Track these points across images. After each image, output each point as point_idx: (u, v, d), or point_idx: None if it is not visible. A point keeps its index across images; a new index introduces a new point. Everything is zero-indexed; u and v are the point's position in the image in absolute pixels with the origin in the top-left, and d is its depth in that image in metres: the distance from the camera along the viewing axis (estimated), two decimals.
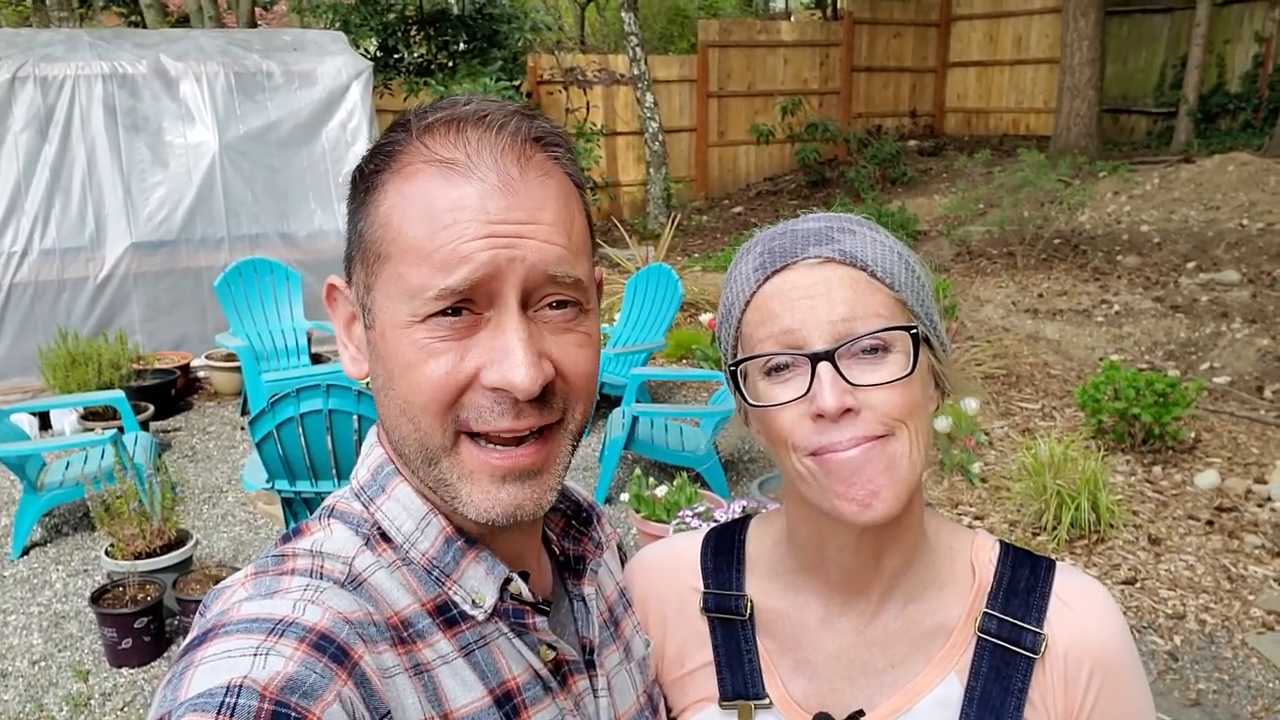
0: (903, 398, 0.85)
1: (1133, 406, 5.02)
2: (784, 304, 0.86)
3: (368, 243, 0.78)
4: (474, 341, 0.74)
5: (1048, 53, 14.30)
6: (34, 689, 3.54)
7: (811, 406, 0.84)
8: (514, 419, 0.74)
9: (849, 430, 0.84)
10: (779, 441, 0.88)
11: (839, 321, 0.84)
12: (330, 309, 0.85)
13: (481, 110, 0.76)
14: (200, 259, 7.20)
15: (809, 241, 0.89)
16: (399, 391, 0.76)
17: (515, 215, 0.73)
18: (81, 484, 4.32)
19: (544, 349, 0.75)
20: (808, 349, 0.84)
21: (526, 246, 0.73)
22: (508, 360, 0.72)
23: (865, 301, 0.85)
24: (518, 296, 0.74)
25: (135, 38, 7.82)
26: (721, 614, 1.01)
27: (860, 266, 0.87)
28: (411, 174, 0.75)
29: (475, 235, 0.72)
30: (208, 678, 0.62)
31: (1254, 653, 3.59)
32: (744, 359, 0.89)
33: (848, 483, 0.84)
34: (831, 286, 0.86)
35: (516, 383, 0.72)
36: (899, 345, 0.86)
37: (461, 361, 0.73)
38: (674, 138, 13.42)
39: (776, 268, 0.88)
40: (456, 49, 11.12)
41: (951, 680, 0.92)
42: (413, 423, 0.76)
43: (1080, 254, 9.20)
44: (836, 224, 0.91)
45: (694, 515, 3.72)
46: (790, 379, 0.86)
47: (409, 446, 0.77)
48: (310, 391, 3.54)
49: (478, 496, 0.76)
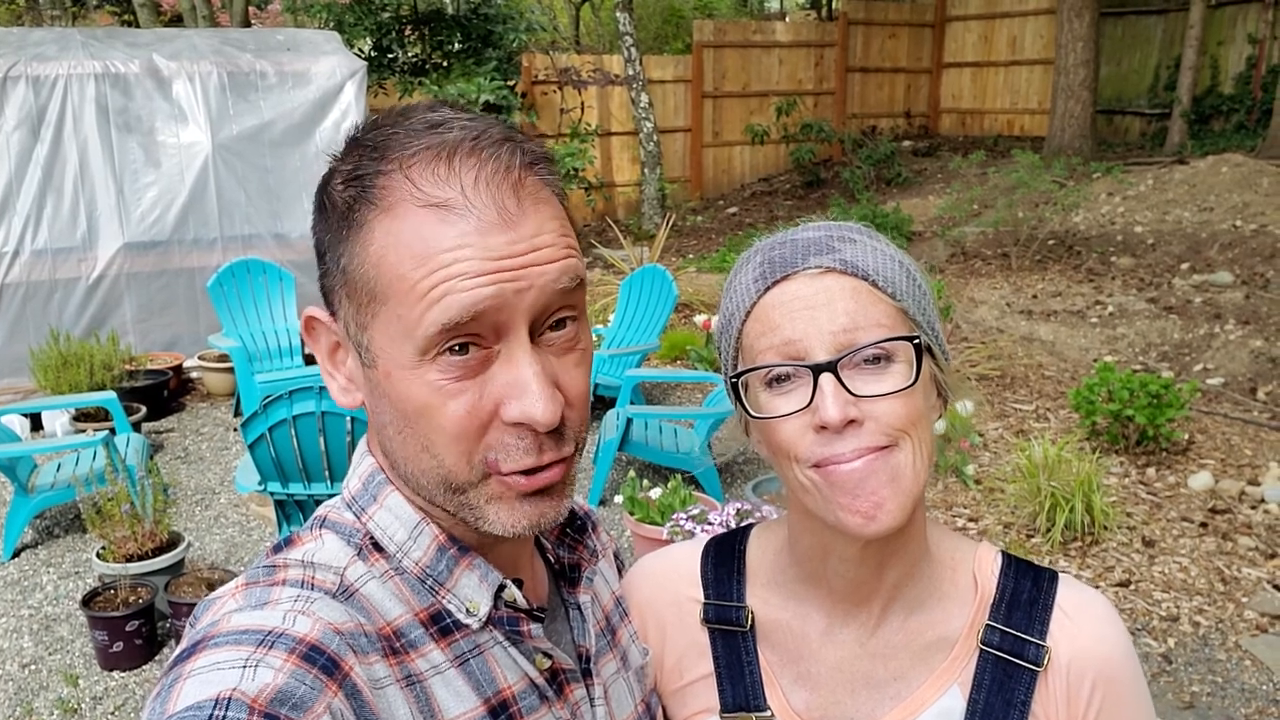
0: (906, 408, 0.84)
1: (1127, 408, 5.02)
2: (785, 314, 0.86)
3: (357, 282, 0.75)
4: (488, 376, 0.73)
5: (1042, 54, 14.34)
6: (24, 692, 3.52)
7: (814, 418, 0.83)
8: (538, 455, 0.75)
9: (852, 441, 0.83)
10: (781, 453, 0.87)
11: (841, 332, 0.84)
12: (310, 340, 0.83)
13: (470, 140, 0.73)
14: (193, 259, 7.17)
15: (809, 251, 0.88)
16: (419, 431, 0.75)
17: (519, 248, 0.72)
18: (73, 486, 4.29)
19: (555, 377, 0.75)
20: (809, 360, 0.84)
21: (532, 275, 0.72)
22: (526, 395, 0.72)
23: (867, 311, 0.85)
24: (527, 328, 0.73)
25: (128, 37, 7.79)
26: (722, 625, 1.00)
27: (862, 276, 0.86)
28: (402, 214, 0.72)
29: (478, 272, 0.70)
30: (197, 690, 0.62)
31: (1248, 655, 3.60)
32: (745, 370, 0.88)
33: (851, 495, 0.83)
34: (833, 297, 0.85)
35: (537, 417, 0.72)
36: (901, 355, 0.85)
37: (480, 400, 0.73)
38: (669, 138, 13.42)
39: (777, 278, 0.87)
40: (451, 49, 11.10)
41: (954, 693, 0.92)
42: (436, 459, 0.75)
43: (1074, 255, 9.22)
44: (837, 233, 0.90)
45: (688, 518, 3.71)
46: (792, 390, 0.85)
47: (429, 479, 0.77)
48: (303, 393, 3.53)
49: (504, 515, 0.76)
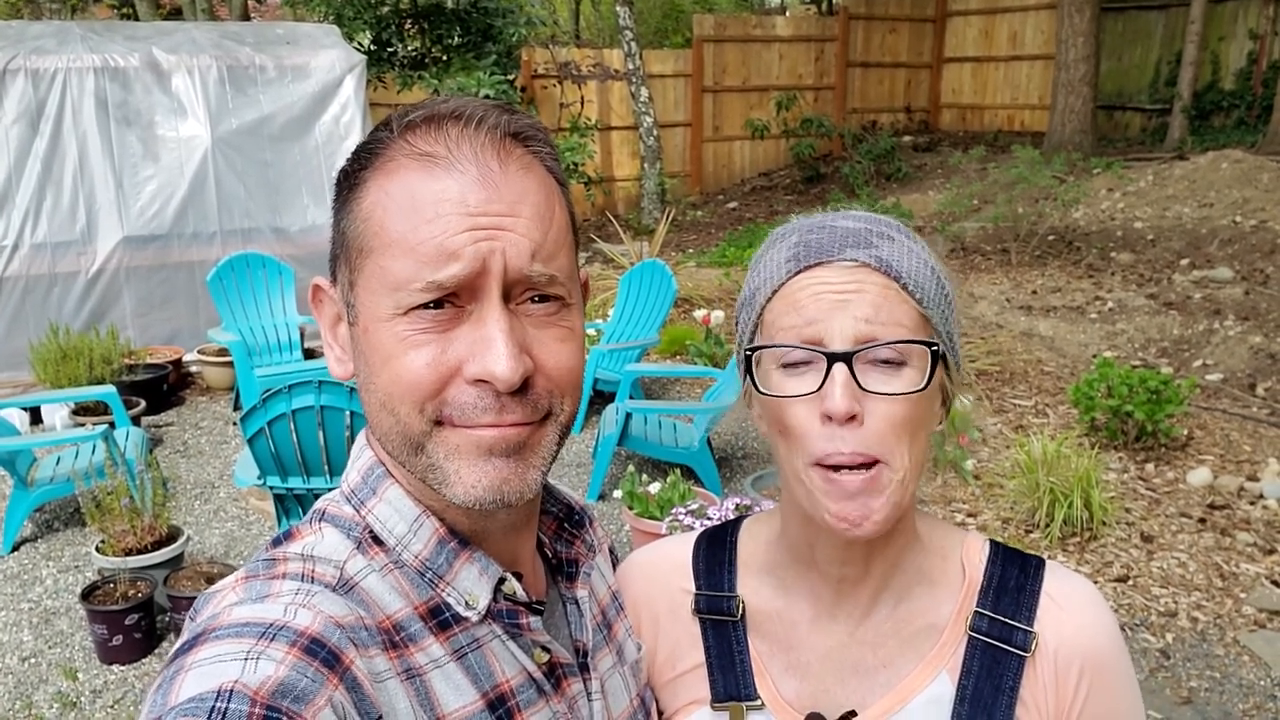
0: (907, 413, 0.85)
1: (1126, 404, 5.03)
2: (811, 299, 0.86)
3: (350, 239, 0.78)
4: (456, 334, 0.74)
5: (1043, 49, 14.31)
6: (24, 686, 3.52)
7: (821, 405, 0.84)
8: (497, 414, 0.74)
9: (851, 440, 0.84)
10: (783, 434, 0.88)
11: (863, 324, 0.84)
12: (316, 310, 0.85)
13: (461, 107, 0.77)
14: (192, 253, 7.16)
15: (847, 242, 0.88)
16: (379, 384, 0.75)
17: (495, 208, 0.73)
18: (72, 479, 4.29)
19: (525, 343, 0.75)
20: (827, 348, 0.84)
21: (506, 239, 0.73)
22: (489, 352, 0.72)
23: (892, 311, 0.85)
24: (500, 289, 0.73)
25: (127, 30, 7.77)
26: (713, 615, 1.01)
27: (894, 276, 0.87)
28: (393, 169, 0.75)
29: (459, 229, 0.72)
30: (198, 682, 0.62)
31: (1245, 650, 3.60)
32: (762, 346, 0.89)
33: (841, 502, 0.85)
34: (862, 290, 0.86)
35: (497, 373, 0.72)
36: (916, 360, 0.86)
37: (443, 354, 0.73)
38: (669, 132, 13.40)
39: (811, 263, 0.88)
40: (451, 43, 11.08)
41: (943, 679, 0.92)
42: (393, 415, 0.75)
43: (1074, 251, 9.22)
44: (876, 227, 0.90)
45: (687, 512, 3.72)
46: (805, 374, 0.86)
47: (392, 440, 0.77)
48: (302, 388, 3.53)
49: (465, 473, 0.75)
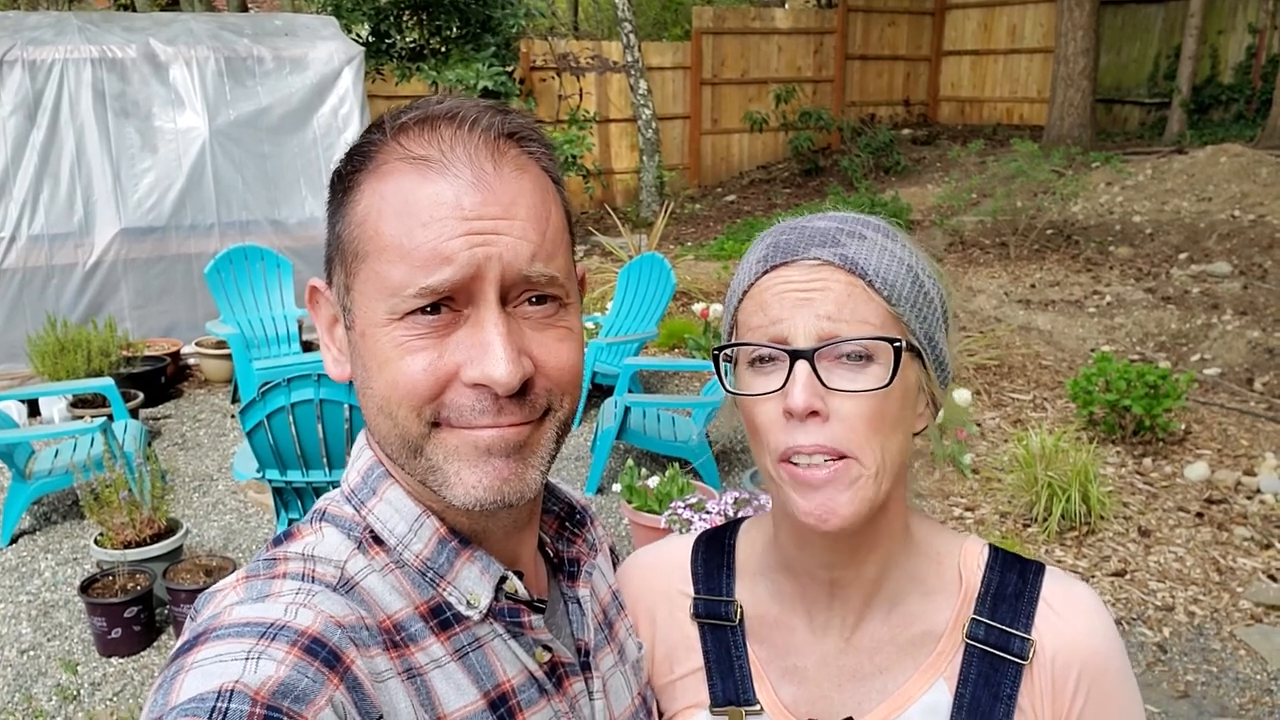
0: (872, 410, 0.84)
1: (1124, 398, 5.03)
2: (776, 299, 0.87)
3: (345, 243, 0.77)
4: (453, 339, 0.73)
5: (1042, 42, 14.30)
6: (23, 678, 3.53)
7: (783, 402, 0.84)
8: (495, 416, 0.74)
9: (814, 434, 0.84)
10: (753, 432, 0.89)
11: (825, 322, 0.85)
12: (313, 311, 0.85)
13: (455, 108, 0.76)
14: (190, 245, 7.15)
15: (813, 241, 0.88)
16: (377, 389, 0.75)
17: (490, 211, 0.73)
18: (70, 472, 4.29)
19: (524, 345, 0.74)
20: (790, 345, 0.85)
21: (502, 243, 0.73)
22: (487, 356, 0.72)
23: (856, 309, 0.85)
24: (496, 293, 0.73)
25: (124, 21, 7.74)
26: (711, 619, 1.01)
27: (859, 274, 0.86)
28: (387, 173, 0.75)
29: (454, 234, 0.71)
30: (199, 682, 0.62)
31: (1242, 644, 3.61)
32: (728, 345, 0.91)
33: (807, 496, 0.85)
34: (825, 289, 0.86)
35: (496, 378, 0.71)
36: (882, 357, 0.85)
37: (441, 359, 0.73)
38: (667, 125, 13.37)
39: (777, 262, 0.89)
40: (449, 34, 11.04)
41: (940, 687, 0.92)
42: (391, 419, 0.75)
43: (1073, 244, 9.22)
44: (847, 226, 0.90)
45: (686, 506, 3.72)
46: (771, 373, 0.87)
47: (391, 444, 0.77)
48: (301, 381, 3.52)
49: (465, 474, 0.75)
